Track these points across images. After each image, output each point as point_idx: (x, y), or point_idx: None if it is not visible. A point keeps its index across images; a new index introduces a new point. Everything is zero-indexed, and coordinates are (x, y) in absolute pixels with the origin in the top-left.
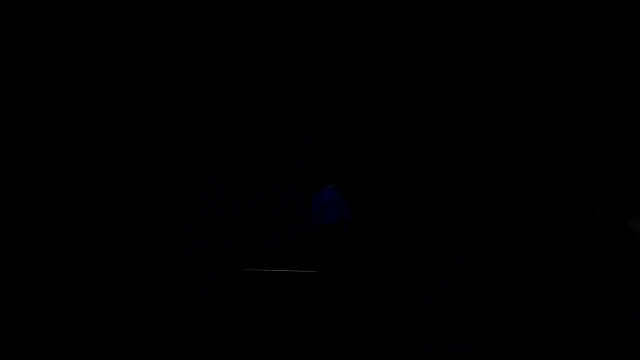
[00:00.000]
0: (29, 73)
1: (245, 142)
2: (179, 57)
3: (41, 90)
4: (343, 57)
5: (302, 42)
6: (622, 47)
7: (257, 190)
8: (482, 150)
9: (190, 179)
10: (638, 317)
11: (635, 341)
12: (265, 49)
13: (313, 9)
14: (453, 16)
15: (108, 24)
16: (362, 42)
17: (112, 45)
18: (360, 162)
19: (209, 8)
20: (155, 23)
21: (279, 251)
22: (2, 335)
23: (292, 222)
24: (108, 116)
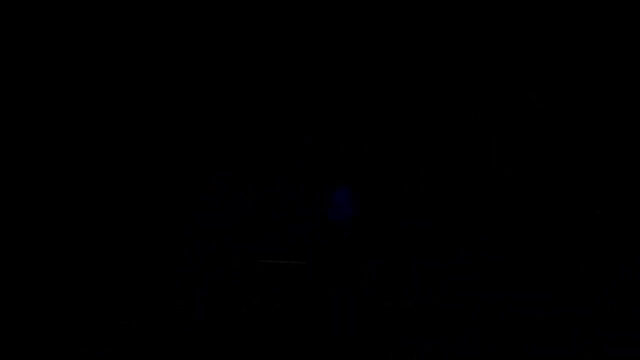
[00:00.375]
0: (29, 72)
1: (245, 142)
2: (179, 56)
3: (40, 89)
4: (342, 56)
5: (302, 41)
6: (622, 47)
7: (257, 190)
8: (482, 150)
9: (190, 179)
10: (638, 317)
11: (635, 341)
12: (265, 49)
13: (313, 8)
14: (452, 16)
15: (107, 24)
16: (361, 41)
17: (112, 44)
18: (360, 162)
19: (208, 7)
20: (154, 22)
21: (279, 251)
22: (2, 335)
23: (292, 222)
24: (107, 116)
